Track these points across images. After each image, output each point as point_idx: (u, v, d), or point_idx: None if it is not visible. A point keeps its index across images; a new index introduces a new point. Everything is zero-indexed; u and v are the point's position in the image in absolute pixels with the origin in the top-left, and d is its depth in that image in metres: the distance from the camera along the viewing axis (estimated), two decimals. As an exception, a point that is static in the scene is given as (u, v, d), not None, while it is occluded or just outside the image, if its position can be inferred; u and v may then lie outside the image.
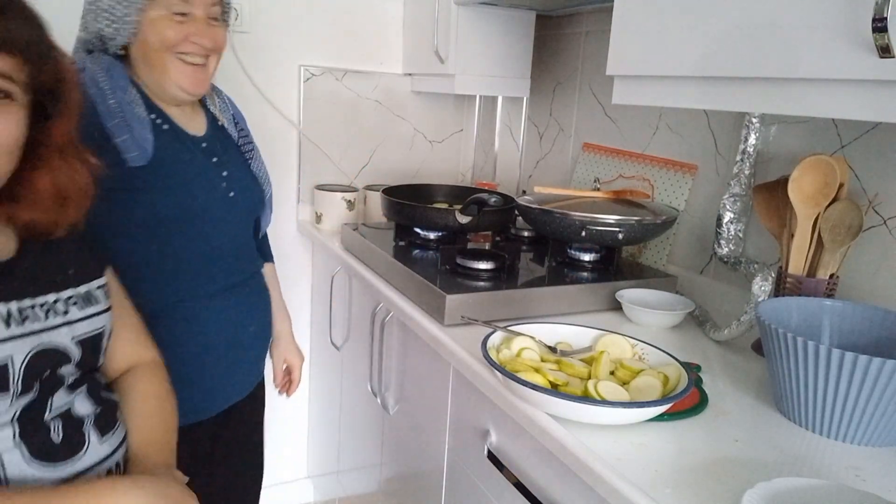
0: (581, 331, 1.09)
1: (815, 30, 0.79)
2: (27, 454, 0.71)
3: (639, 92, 1.09)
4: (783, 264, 1.14)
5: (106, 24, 1.04)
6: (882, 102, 0.74)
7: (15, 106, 0.70)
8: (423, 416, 1.32)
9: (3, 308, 0.70)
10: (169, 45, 1.05)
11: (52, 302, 0.76)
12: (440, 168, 2.24)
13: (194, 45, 1.07)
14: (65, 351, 0.76)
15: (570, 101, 1.86)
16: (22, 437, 0.71)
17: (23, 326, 0.72)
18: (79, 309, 0.80)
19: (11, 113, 0.70)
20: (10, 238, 0.78)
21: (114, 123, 1.01)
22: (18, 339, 0.71)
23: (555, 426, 0.87)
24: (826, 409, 0.86)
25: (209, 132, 1.18)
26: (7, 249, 0.76)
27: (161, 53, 1.05)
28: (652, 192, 1.55)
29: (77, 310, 0.79)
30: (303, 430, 2.18)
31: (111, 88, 1.02)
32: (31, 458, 0.72)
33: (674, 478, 0.77)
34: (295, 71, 1.95)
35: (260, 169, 1.27)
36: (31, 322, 0.73)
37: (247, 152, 1.26)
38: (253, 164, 1.26)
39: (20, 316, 0.72)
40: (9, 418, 0.70)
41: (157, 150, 1.05)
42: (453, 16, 1.75)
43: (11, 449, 0.70)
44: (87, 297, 0.82)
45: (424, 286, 1.26)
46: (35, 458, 0.72)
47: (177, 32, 1.05)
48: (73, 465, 0.75)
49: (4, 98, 0.69)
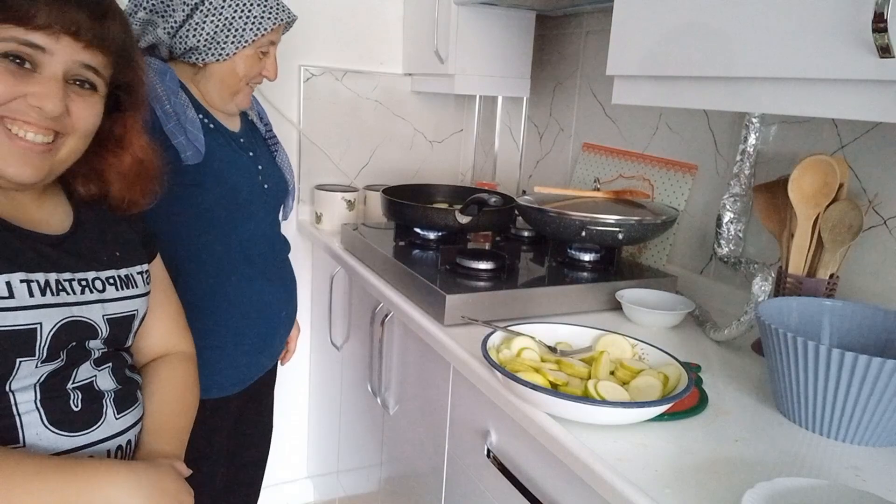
0: (581, 331, 1.09)
1: (815, 30, 0.79)
2: (45, 419, 0.75)
3: (639, 92, 1.09)
4: (783, 264, 1.14)
5: (203, 43, 1.15)
6: (882, 102, 0.74)
7: (97, 97, 0.79)
8: (423, 416, 1.32)
9: (42, 277, 0.75)
10: (249, 78, 1.21)
11: (90, 279, 0.81)
12: (440, 168, 2.24)
13: (263, 77, 1.23)
14: (94, 325, 0.80)
15: (570, 101, 1.86)
16: (42, 403, 0.75)
17: (56, 297, 0.76)
18: (116, 289, 0.84)
19: (95, 103, 0.79)
20: (68, 215, 0.84)
21: (170, 126, 1.10)
22: (49, 307, 0.75)
23: (555, 426, 0.87)
24: (826, 409, 0.86)
25: (243, 128, 1.29)
26: (63, 225, 0.82)
27: (239, 83, 1.20)
28: (652, 192, 1.55)
29: (114, 290, 0.84)
30: (303, 430, 2.18)
31: (166, 93, 1.12)
32: (48, 423, 0.75)
33: (674, 478, 0.77)
34: (295, 71, 1.95)
35: (284, 161, 1.38)
36: (66, 294, 0.77)
37: (272, 145, 1.37)
38: (278, 156, 1.36)
39: (56, 287, 0.76)
40: (32, 382, 0.74)
41: (207, 148, 1.15)
42: (453, 16, 1.75)
43: (31, 411, 0.74)
44: (127, 279, 0.86)
45: (424, 286, 1.26)
46: (52, 424, 0.75)
47: (256, 69, 1.21)
48: (88, 435, 0.78)
49: (91, 89, 0.78)
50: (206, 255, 1.18)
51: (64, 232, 0.81)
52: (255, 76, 1.22)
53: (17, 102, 0.72)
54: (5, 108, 0.72)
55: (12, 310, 0.71)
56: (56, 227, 0.81)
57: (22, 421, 0.74)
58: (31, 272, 0.74)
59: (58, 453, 0.76)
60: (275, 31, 1.20)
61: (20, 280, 0.73)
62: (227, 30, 1.14)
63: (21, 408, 0.74)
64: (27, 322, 0.72)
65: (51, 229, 0.80)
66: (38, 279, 0.74)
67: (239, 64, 1.18)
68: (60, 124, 0.75)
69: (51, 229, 0.80)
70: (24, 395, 0.74)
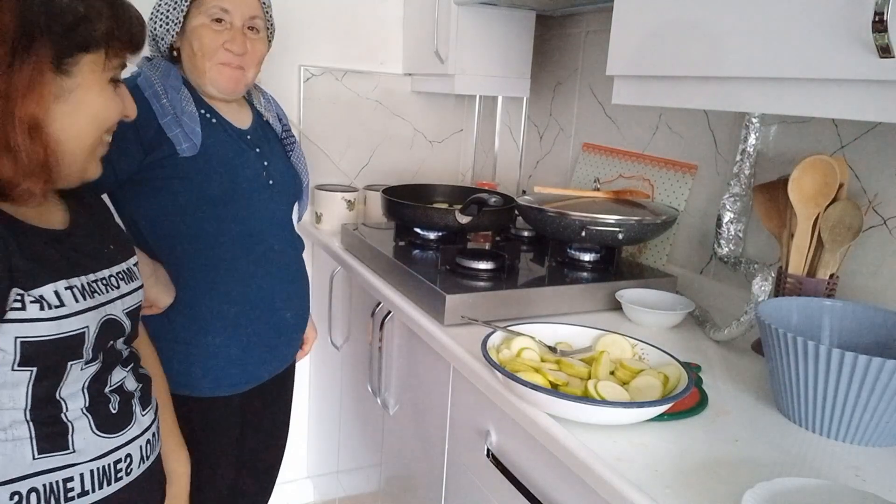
0: (581, 331, 1.09)
1: (815, 30, 0.79)
2: (93, 424, 0.80)
3: (639, 92, 1.09)
4: (783, 264, 1.14)
5: (159, 25, 1.18)
6: (882, 102, 0.74)
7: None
8: (423, 416, 1.32)
9: (79, 282, 0.78)
10: (206, 52, 1.17)
11: (108, 276, 0.84)
12: (440, 168, 2.24)
13: (228, 52, 1.17)
14: (120, 322, 0.84)
15: (570, 101, 1.86)
16: (89, 409, 0.80)
17: (93, 299, 0.79)
18: (126, 283, 0.87)
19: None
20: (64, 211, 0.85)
21: (166, 120, 1.12)
22: (92, 310, 0.78)
23: (555, 426, 0.87)
24: (826, 409, 0.86)
25: (253, 126, 1.29)
26: (60, 221, 0.83)
27: (201, 59, 1.17)
28: (652, 192, 1.55)
29: (125, 284, 0.87)
30: (303, 430, 2.18)
31: (164, 89, 1.14)
32: (95, 427, 0.80)
33: (674, 478, 0.77)
34: (295, 71, 1.95)
35: (299, 160, 1.39)
36: (98, 295, 0.81)
37: (288, 145, 1.37)
38: (293, 156, 1.37)
39: (91, 289, 0.80)
40: (79, 387, 0.79)
41: (206, 141, 1.17)
42: (453, 16, 1.75)
43: (80, 417, 0.79)
44: (128, 273, 0.89)
45: (424, 286, 1.26)
46: (98, 428, 0.81)
47: (213, 40, 1.16)
48: (124, 435, 0.84)
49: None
50: (206, 248, 1.19)
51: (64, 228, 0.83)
52: (217, 50, 1.16)
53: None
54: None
55: (66, 317, 0.75)
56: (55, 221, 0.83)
57: (73, 427, 0.78)
58: (70, 277, 0.77)
59: (100, 455, 0.81)
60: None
61: (65, 287, 0.76)
62: (173, 2, 1.16)
63: (71, 414, 0.78)
64: (78, 327, 0.76)
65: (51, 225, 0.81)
66: (76, 284, 0.77)
67: (192, 39, 1.16)
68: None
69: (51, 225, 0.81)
70: (73, 401, 0.78)
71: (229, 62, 1.18)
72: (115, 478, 0.82)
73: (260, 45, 1.22)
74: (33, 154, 0.72)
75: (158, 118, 1.11)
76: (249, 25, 1.20)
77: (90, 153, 0.81)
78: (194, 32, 1.16)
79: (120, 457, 0.83)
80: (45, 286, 0.74)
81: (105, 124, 0.81)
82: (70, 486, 0.77)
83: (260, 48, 1.23)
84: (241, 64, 1.20)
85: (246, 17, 1.18)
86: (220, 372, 1.23)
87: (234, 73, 1.19)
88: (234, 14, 1.17)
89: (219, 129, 1.21)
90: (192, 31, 1.16)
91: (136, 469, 0.85)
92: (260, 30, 1.22)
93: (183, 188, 1.14)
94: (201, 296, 1.20)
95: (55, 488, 0.76)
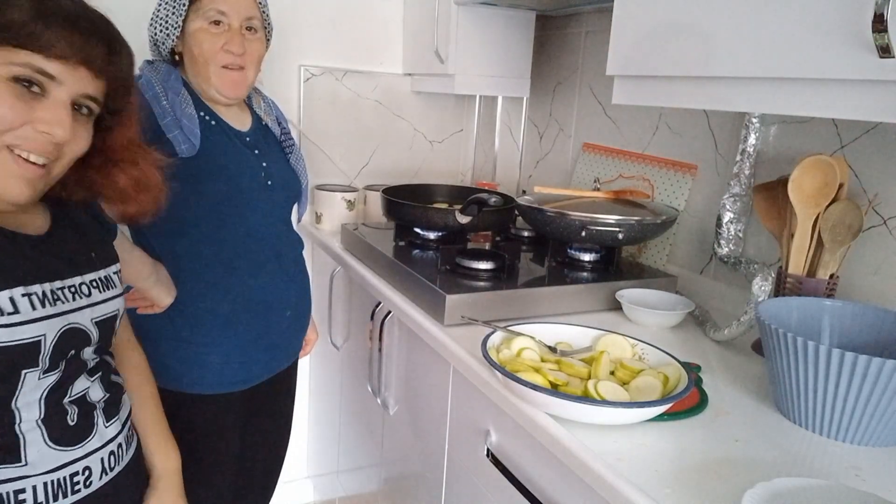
0: (581, 331, 1.09)
1: (815, 30, 0.79)
2: (46, 436, 0.77)
3: (639, 92, 1.09)
4: (783, 264, 1.14)
5: (159, 30, 1.19)
6: (882, 102, 0.74)
7: (91, 121, 0.81)
8: (423, 416, 1.32)
9: (39, 289, 0.76)
10: (207, 56, 1.18)
11: (77, 284, 0.81)
12: (440, 168, 2.24)
13: (228, 53, 1.18)
14: (86, 331, 0.81)
15: (570, 101, 1.86)
16: (44, 421, 0.77)
17: (54, 307, 0.77)
18: (99, 292, 0.85)
19: (90, 128, 0.81)
20: (46, 216, 0.83)
21: (166, 122, 1.13)
22: (50, 318, 0.76)
23: (555, 426, 0.87)
24: (826, 409, 0.86)
25: (253, 129, 1.31)
26: (40, 226, 0.81)
27: (203, 64, 1.18)
28: (652, 192, 1.55)
29: (98, 292, 0.84)
30: (303, 430, 2.18)
31: (164, 91, 1.16)
32: (49, 440, 0.77)
33: (674, 478, 0.77)
34: (295, 71, 1.95)
35: (298, 163, 1.39)
36: (61, 303, 0.78)
37: (287, 147, 1.38)
38: (292, 158, 1.38)
39: (52, 297, 0.77)
40: (36, 397, 0.76)
41: (205, 143, 1.18)
42: (453, 16, 1.75)
43: (34, 429, 0.76)
44: (106, 280, 0.87)
45: (424, 286, 1.26)
46: (52, 441, 0.77)
47: (212, 44, 1.18)
48: (83, 447, 0.81)
49: (88, 115, 0.79)
50: (205, 247, 1.20)
51: (43, 233, 0.81)
52: (217, 53, 1.18)
53: (25, 129, 0.73)
54: (13, 134, 0.72)
55: (19, 324, 0.72)
56: (36, 226, 0.81)
57: (25, 439, 0.75)
58: (29, 284, 0.75)
59: (55, 468, 0.77)
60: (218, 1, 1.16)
61: (21, 294, 0.73)
62: (172, 6, 1.17)
63: (24, 426, 0.75)
64: (32, 335, 0.73)
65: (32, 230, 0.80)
66: (35, 291, 0.75)
67: (192, 44, 1.17)
68: (60, 148, 0.76)
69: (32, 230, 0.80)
70: (28, 412, 0.75)
71: (230, 64, 1.19)
72: (71, 490, 0.79)
73: (258, 45, 1.24)
74: None
75: (158, 119, 1.13)
76: (247, 26, 1.21)
77: None
78: (194, 37, 1.18)
79: (77, 469, 0.79)
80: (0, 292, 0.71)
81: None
82: (21, 497, 0.74)
83: (258, 48, 1.24)
84: (242, 63, 1.21)
85: (243, 17, 1.19)
86: (220, 370, 1.23)
87: (235, 76, 1.21)
88: (231, 15, 1.18)
89: (218, 130, 1.23)
90: (192, 36, 1.18)
91: (98, 481, 0.82)
92: (258, 30, 1.23)
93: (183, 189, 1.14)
94: (201, 295, 1.20)
95: (5, 499, 0.74)
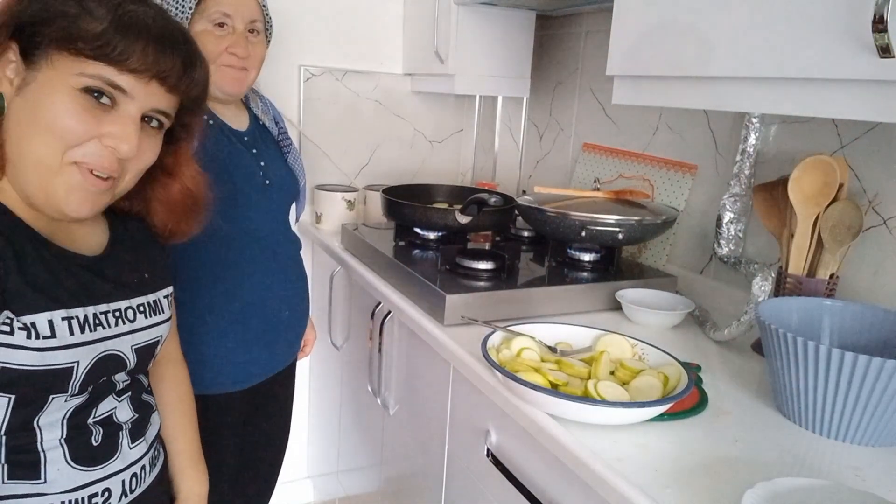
0: (581, 331, 1.09)
1: (815, 30, 0.79)
2: (68, 456, 0.75)
3: (639, 92, 1.09)
4: (783, 264, 1.14)
5: None
6: (882, 102, 0.74)
7: (161, 135, 0.79)
8: (423, 416, 1.32)
9: (82, 312, 0.74)
10: (211, 58, 1.16)
11: (123, 308, 0.79)
12: (440, 168, 2.24)
13: (232, 55, 1.19)
14: (123, 357, 0.79)
15: (570, 101, 1.86)
16: (66, 440, 0.75)
17: (93, 333, 0.75)
18: (145, 318, 0.83)
19: (159, 141, 0.79)
20: (105, 233, 0.82)
21: None
22: (87, 345, 0.74)
23: (555, 426, 0.87)
24: (826, 409, 0.86)
25: (251, 129, 1.31)
26: (99, 241, 0.80)
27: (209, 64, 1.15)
28: (652, 192, 1.55)
29: (143, 318, 0.82)
30: (303, 430, 2.18)
31: None
32: (71, 459, 0.75)
33: (674, 478, 0.77)
34: (295, 71, 1.95)
35: (295, 162, 1.40)
36: (101, 329, 0.76)
37: (284, 147, 1.39)
38: (289, 157, 1.39)
39: (94, 322, 0.75)
40: (59, 417, 0.74)
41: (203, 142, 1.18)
42: (453, 16, 1.75)
43: (55, 448, 0.74)
44: (155, 305, 0.85)
45: (424, 286, 1.26)
46: (74, 460, 0.76)
47: (216, 45, 1.18)
48: (105, 468, 0.79)
49: (158, 128, 0.78)
50: (203, 246, 1.19)
51: (101, 251, 0.80)
52: (221, 55, 1.18)
53: (93, 143, 0.70)
54: (80, 149, 0.70)
55: (53, 349, 0.70)
56: (93, 244, 0.80)
57: (46, 457, 0.74)
58: (71, 308, 0.73)
59: (74, 488, 0.76)
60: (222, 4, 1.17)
61: (62, 318, 0.71)
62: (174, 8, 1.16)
63: (46, 444, 0.74)
64: (66, 361, 0.71)
65: (88, 248, 0.79)
66: (77, 315, 0.73)
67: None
68: (124, 164, 0.74)
69: (88, 248, 0.79)
70: (50, 432, 0.74)
71: (233, 65, 1.20)
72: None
73: (261, 48, 1.25)
74: None
75: None
76: (250, 28, 1.22)
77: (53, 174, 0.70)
78: (198, 38, 1.16)
79: (97, 490, 0.77)
80: (40, 314, 0.69)
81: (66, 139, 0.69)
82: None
83: (261, 50, 1.25)
84: (245, 65, 1.22)
85: (247, 20, 1.20)
86: (219, 370, 1.23)
87: (237, 73, 1.21)
88: (235, 18, 1.19)
89: (216, 130, 1.23)
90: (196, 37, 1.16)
91: (116, 503, 0.80)
92: (260, 32, 1.24)
93: None
94: (199, 294, 1.20)
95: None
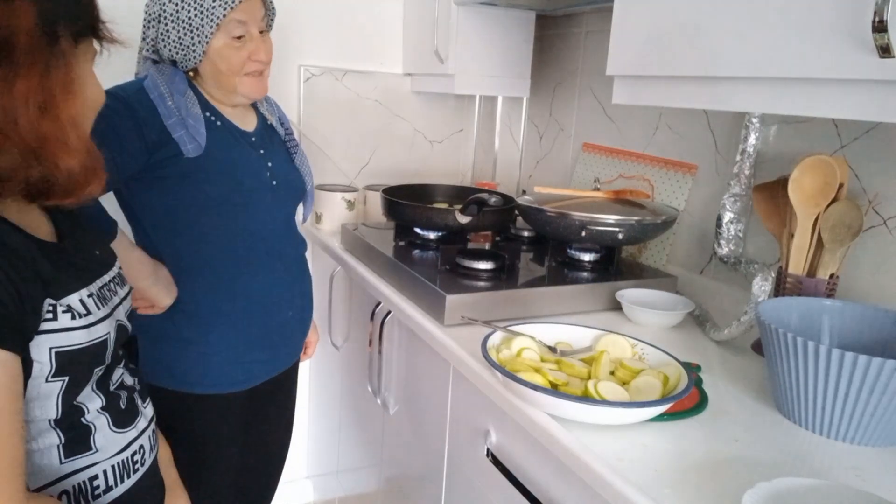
0: (581, 331, 1.09)
1: (815, 30, 0.79)
2: (111, 422, 0.80)
3: (639, 92, 1.09)
4: (783, 264, 1.14)
5: (176, 52, 1.18)
6: (882, 102, 0.74)
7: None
8: (423, 416, 1.32)
9: (95, 289, 0.78)
10: (235, 70, 1.19)
11: (108, 281, 0.83)
12: (440, 168, 2.24)
13: (255, 62, 1.20)
14: (126, 326, 0.84)
15: (570, 101, 1.86)
16: (105, 408, 0.80)
17: (107, 306, 0.79)
18: (121, 288, 0.86)
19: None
20: (49, 223, 0.81)
21: (172, 122, 1.13)
22: (108, 317, 0.78)
23: (555, 426, 0.87)
24: (826, 409, 0.86)
25: (258, 129, 1.31)
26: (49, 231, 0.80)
27: (229, 76, 1.19)
28: (652, 192, 1.55)
29: (120, 288, 0.86)
30: (303, 430, 2.18)
31: (170, 92, 1.16)
32: (113, 424, 0.81)
33: (674, 478, 0.77)
34: (295, 71, 1.95)
35: (302, 163, 1.40)
36: (109, 301, 0.80)
37: (291, 148, 1.39)
38: (296, 158, 1.38)
39: (102, 296, 0.79)
40: (90, 389, 0.78)
41: (210, 143, 1.18)
42: (453, 16, 1.75)
43: (99, 416, 0.79)
44: (121, 278, 0.88)
45: (424, 286, 1.26)
46: (114, 424, 0.81)
47: (240, 57, 1.18)
48: (135, 429, 0.85)
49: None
50: (208, 246, 1.20)
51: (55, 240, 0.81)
52: (244, 63, 1.19)
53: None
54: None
55: (93, 324, 0.75)
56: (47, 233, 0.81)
57: (95, 427, 0.78)
58: (88, 285, 0.76)
59: (119, 451, 0.81)
60: (237, 11, 1.15)
61: (87, 295, 0.75)
62: (189, 31, 1.15)
63: (90, 416, 0.78)
64: (103, 333, 0.76)
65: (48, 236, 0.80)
66: (94, 291, 0.77)
67: (217, 60, 1.17)
68: None
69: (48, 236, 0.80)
70: (91, 403, 0.78)
71: (256, 70, 1.21)
72: (133, 470, 0.83)
73: (271, 43, 1.26)
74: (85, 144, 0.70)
75: (164, 119, 1.13)
76: (261, 28, 1.22)
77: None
78: (219, 53, 1.17)
79: (135, 449, 0.84)
80: (72, 295, 0.73)
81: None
82: (96, 483, 0.78)
83: (272, 45, 1.25)
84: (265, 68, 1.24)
85: (258, 20, 1.20)
86: (221, 370, 1.23)
87: (259, 80, 1.23)
88: (250, 23, 1.18)
89: (224, 131, 1.23)
90: (217, 52, 1.17)
91: (148, 459, 0.87)
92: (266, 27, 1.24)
93: (188, 188, 1.16)
94: (203, 294, 1.20)
95: (83, 488, 0.77)
